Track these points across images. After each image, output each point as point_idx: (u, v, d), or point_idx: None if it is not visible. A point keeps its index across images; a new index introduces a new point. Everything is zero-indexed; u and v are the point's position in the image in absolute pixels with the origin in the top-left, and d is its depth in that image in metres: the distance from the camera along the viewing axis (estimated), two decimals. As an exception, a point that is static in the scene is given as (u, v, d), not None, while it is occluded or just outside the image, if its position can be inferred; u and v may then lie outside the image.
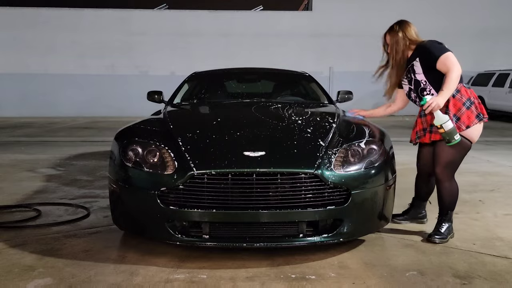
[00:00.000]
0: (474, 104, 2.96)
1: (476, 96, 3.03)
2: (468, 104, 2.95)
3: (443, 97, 2.84)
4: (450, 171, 3.06)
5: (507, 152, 7.18)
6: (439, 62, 2.94)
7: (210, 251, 2.86)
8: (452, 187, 3.10)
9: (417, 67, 3.08)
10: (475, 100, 2.98)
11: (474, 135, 3.01)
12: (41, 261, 2.74)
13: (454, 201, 3.14)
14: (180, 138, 2.93)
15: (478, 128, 3.00)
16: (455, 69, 2.87)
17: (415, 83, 3.13)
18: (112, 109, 14.71)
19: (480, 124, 3.01)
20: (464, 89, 2.99)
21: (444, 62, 2.92)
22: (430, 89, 3.04)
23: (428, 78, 3.04)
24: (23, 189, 4.63)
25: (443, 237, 3.07)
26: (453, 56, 2.93)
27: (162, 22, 15.14)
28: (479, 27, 15.10)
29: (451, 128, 2.83)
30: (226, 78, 5.30)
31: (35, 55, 14.74)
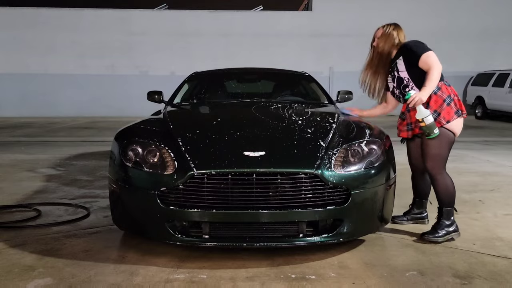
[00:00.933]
0: (454, 101, 3.09)
1: (456, 93, 3.15)
2: (448, 101, 3.07)
3: (425, 93, 2.97)
4: (440, 164, 3.11)
5: (507, 152, 7.18)
6: (421, 60, 3.06)
7: (210, 251, 2.86)
8: (445, 180, 3.13)
9: (400, 65, 3.21)
10: (454, 97, 3.10)
11: (456, 128, 3.11)
12: (41, 261, 2.75)
13: (450, 196, 3.13)
14: (180, 138, 2.93)
15: (458, 122, 3.12)
16: (436, 67, 3.00)
17: (398, 80, 3.24)
18: (112, 109, 14.71)
19: (460, 119, 3.13)
20: (445, 86, 3.11)
21: (425, 60, 3.05)
22: (412, 86, 3.16)
23: (411, 75, 3.16)
24: (23, 189, 4.63)
25: (436, 235, 3.08)
26: (434, 55, 3.05)
27: (162, 22, 15.15)
28: (479, 27, 15.10)
29: (431, 122, 2.95)
30: (226, 78, 5.30)
31: (35, 55, 14.75)
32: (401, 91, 3.23)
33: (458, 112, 3.10)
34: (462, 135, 3.47)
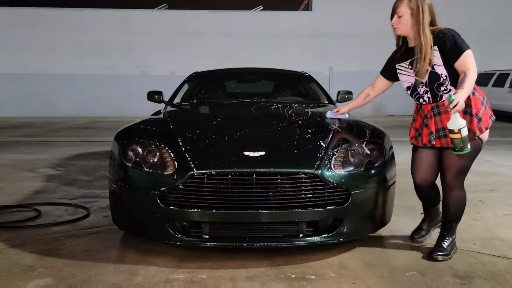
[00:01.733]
0: (488, 104, 2.74)
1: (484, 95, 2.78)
2: (485, 104, 2.70)
3: (464, 96, 2.48)
4: (462, 178, 2.79)
5: (507, 152, 7.18)
6: (463, 57, 2.59)
7: (210, 251, 2.86)
8: (461, 196, 2.80)
9: (435, 56, 2.64)
10: (485, 100, 2.74)
11: (486, 136, 2.76)
12: (41, 261, 2.74)
13: (461, 212, 2.84)
14: (180, 138, 2.93)
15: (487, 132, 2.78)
16: (475, 69, 2.60)
17: (431, 76, 2.66)
18: (112, 109, 14.71)
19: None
20: (478, 88, 2.71)
21: (466, 59, 2.60)
22: (447, 86, 2.65)
23: (449, 73, 2.64)
24: (23, 189, 4.63)
25: (446, 253, 2.77)
26: (472, 56, 2.64)
27: (162, 22, 15.14)
28: (479, 27, 15.09)
29: (467, 135, 2.50)
30: (226, 78, 5.30)
31: (35, 55, 14.74)
32: (434, 90, 2.68)
33: (491, 117, 2.72)
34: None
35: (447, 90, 2.65)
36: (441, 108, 2.68)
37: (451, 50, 2.60)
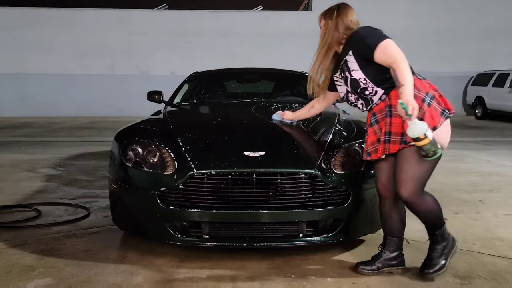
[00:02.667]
0: (435, 98, 2.36)
1: (435, 87, 2.43)
2: (429, 100, 2.34)
3: (409, 94, 2.23)
4: (418, 189, 2.42)
5: (507, 152, 7.18)
6: (377, 51, 2.33)
7: (210, 251, 2.86)
8: (426, 203, 2.45)
9: (351, 62, 2.44)
10: (435, 93, 2.38)
11: (444, 135, 2.38)
12: (41, 261, 2.74)
13: (437, 215, 2.51)
14: (180, 138, 2.93)
15: (446, 127, 2.39)
16: (401, 57, 2.30)
17: (352, 83, 2.48)
18: (112, 109, 14.71)
19: (447, 122, 2.40)
20: (419, 81, 2.38)
21: (384, 51, 2.32)
22: (373, 88, 2.42)
23: (368, 74, 2.41)
24: (23, 189, 4.63)
25: (439, 267, 2.48)
26: (394, 43, 2.35)
27: (162, 22, 15.15)
28: (479, 27, 15.10)
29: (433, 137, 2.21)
30: (226, 78, 5.30)
31: (35, 55, 14.75)
32: (361, 96, 2.49)
33: (444, 112, 2.36)
34: (462, 135, 3.40)
35: (373, 92, 2.42)
36: (377, 115, 2.45)
37: (363, 49, 2.39)
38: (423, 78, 2.44)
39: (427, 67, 15.16)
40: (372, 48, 2.34)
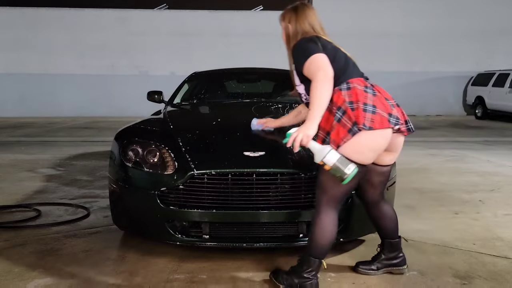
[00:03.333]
0: (347, 113, 2.12)
1: (358, 96, 2.15)
2: (340, 115, 2.15)
3: (311, 122, 2.09)
4: (323, 202, 2.24)
5: (507, 152, 7.18)
6: (305, 68, 2.19)
7: (210, 251, 2.86)
8: (322, 225, 2.23)
9: (294, 76, 2.36)
10: (348, 107, 2.13)
11: (354, 153, 2.13)
12: (41, 261, 2.74)
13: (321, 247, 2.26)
14: (180, 138, 2.92)
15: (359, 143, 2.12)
16: (318, 78, 2.11)
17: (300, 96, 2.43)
18: (112, 109, 14.70)
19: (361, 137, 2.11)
20: (338, 94, 2.19)
21: (308, 67, 2.17)
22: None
23: (307, 90, 2.28)
24: (23, 189, 4.63)
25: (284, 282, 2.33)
26: (320, 59, 2.16)
27: (162, 22, 15.14)
28: (479, 27, 15.10)
29: (336, 160, 2.06)
30: (226, 78, 5.30)
31: (35, 55, 14.74)
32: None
33: (353, 128, 2.09)
34: (462, 135, 3.37)
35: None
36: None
37: (296, 64, 2.29)
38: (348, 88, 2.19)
39: (427, 67, 15.20)
40: (302, 62, 2.20)
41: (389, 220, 2.54)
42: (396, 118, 2.22)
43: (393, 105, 2.28)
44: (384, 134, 2.17)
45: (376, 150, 2.20)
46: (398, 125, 2.22)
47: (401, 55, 15.08)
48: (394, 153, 2.40)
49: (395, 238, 2.58)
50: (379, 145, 2.19)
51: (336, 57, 2.27)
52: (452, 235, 3.23)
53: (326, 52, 2.23)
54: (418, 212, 3.83)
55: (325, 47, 2.27)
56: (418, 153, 6.97)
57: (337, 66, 2.23)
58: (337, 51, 2.32)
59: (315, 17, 2.43)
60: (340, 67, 2.24)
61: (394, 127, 2.20)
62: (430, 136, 9.65)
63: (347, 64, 2.29)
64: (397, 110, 2.28)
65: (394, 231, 2.57)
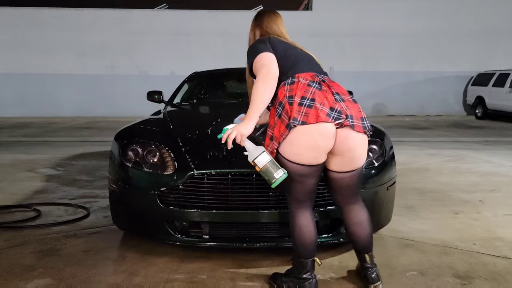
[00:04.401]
0: (285, 107, 2.06)
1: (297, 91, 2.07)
2: (280, 110, 2.10)
3: (248, 121, 2.07)
4: (293, 202, 2.23)
5: (507, 152, 7.18)
6: (253, 67, 2.19)
7: (210, 251, 2.86)
8: (297, 226, 2.21)
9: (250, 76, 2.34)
10: (287, 101, 2.07)
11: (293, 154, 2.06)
12: (41, 261, 2.74)
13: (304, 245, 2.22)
14: (180, 138, 2.92)
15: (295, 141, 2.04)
16: (261, 74, 2.08)
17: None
18: (112, 109, 14.71)
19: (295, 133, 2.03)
20: (282, 89, 2.14)
21: (255, 66, 2.17)
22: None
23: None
24: (23, 189, 4.63)
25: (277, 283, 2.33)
26: (266, 57, 2.14)
27: (162, 22, 15.14)
28: (479, 27, 15.10)
29: (266, 163, 2.03)
30: (226, 78, 5.30)
31: (35, 55, 14.75)
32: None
33: (289, 123, 2.03)
34: (462, 135, 3.37)
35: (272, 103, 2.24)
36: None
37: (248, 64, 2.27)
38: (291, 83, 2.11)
39: (427, 67, 15.20)
40: (251, 64, 2.21)
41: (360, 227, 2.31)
42: (339, 112, 2.03)
43: (344, 100, 2.10)
44: (321, 130, 2.01)
45: (315, 148, 2.04)
46: (340, 119, 2.03)
47: (401, 55, 15.09)
48: (344, 156, 2.13)
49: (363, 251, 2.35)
50: (317, 143, 2.03)
51: (287, 53, 2.24)
52: (452, 235, 3.23)
53: (275, 50, 2.21)
54: (418, 212, 3.83)
55: (275, 46, 2.24)
56: (418, 153, 6.97)
57: (286, 62, 2.19)
58: (289, 48, 2.28)
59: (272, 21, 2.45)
60: (289, 62, 2.20)
61: (334, 121, 2.02)
62: (430, 136, 9.65)
63: (298, 60, 2.23)
64: (350, 105, 2.11)
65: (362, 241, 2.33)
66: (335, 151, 2.11)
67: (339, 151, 2.11)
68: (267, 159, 2.04)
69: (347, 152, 2.12)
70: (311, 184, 2.18)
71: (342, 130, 2.07)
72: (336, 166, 2.18)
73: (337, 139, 2.07)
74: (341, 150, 2.11)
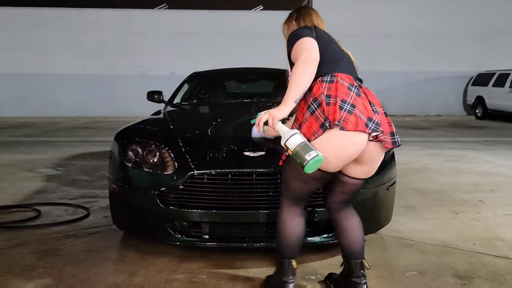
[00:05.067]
0: (321, 106, 1.95)
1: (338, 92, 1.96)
2: (314, 107, 1.98)
3: (283, 105, 2.00)
4: (285, 197, 2.18)
5: (507, 152, 7.18)
6: (293, 52, 2.09)
7: (210, 251, 2.86)
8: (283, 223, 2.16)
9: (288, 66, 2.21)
10: (324, 100, 1.95)
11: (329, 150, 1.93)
12: (41, 261, 2.74)
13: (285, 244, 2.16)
14: (180, 138, 2.92)
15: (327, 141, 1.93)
16: (301, 58, 1.98)
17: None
18: (112, 109, 14.70)
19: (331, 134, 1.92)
20: (319, 85, 2.01)
21: (295, 50, 2.06)
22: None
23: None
24: (23, 189, 4.63)
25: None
26: (308, 41, 2.04)
27: (162, 22, 15.14)
28: (479, 27, 15.10)
29: (298, 144, 1.89)
30: (226, 78, 5.30)
31: (35, 55, 14.74)
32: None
33: (324, 124, 1.91)
34: (462, 135, 3.37)
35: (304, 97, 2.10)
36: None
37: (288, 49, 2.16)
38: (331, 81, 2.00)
39: (427, 67, 15.20)
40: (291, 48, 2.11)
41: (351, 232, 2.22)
42: (376, 124, 1.95)
43: (378, 112, 2.02)
44: (356, 140, 1.92)
45: (344, 158, 1.95)
46: (377, 132, 1.95)
47: (401, 55, 15.08)
48: (365, 166, 2.06)
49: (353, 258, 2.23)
50: (348, 152, 1.94)
51: (329, 47, 2.14)
52: (452, 235, 3.23)
53: (319, 40, 2.10)
54: (418, 212, 3.83)
55: (320, 35, 2.14)
56: (418, 153, 6.97)
57: (327, 56, 2.09)
58: (332, 43, 2.19)
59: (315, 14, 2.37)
60: (330, 58, 2.09)
61: (371, 133, 1.93)
62: (430, 136, 9.65)
63: (339, 57, 2.13)
64: (382, 118, 2.03)
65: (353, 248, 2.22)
66: (358, 159, 2.03)
67: (362, 160, 2.03)
68: (298, 141, 1.90)
69: (370, 162, 2.05)
70: (316, 187, 2.14)
71: (373, 143, 2.00)
72: (354, 173, 2.10)
73: (365, 150, 1.99)
74: (365, 160, 2.04)
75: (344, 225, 2.23)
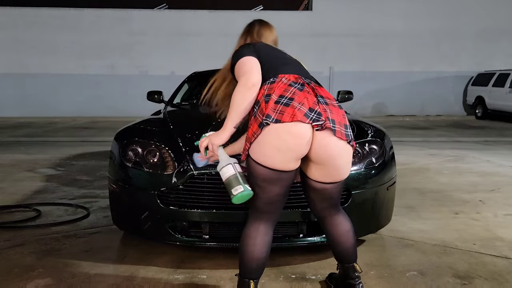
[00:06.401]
0: (260, 106, 1.91)
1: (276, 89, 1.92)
2: (256, 109, 1.93)
3: (222, 131, 1.98)
4: (251, 207, 2.08)
5: (507, 152, 7.18)
6: (235, 72, 2.06)
7: (210, 251, 2.86)
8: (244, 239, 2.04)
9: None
10: (264, 99, 1.91)
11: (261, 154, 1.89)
12: (41, 261, 2.74)
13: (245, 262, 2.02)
14: (180, 138, 2.92)
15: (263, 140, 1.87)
16: (240, 82, 1.94)
17: None
18: (112, 109, 14.71)
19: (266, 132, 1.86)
20: (262, 88, 1.97)
21: (237, 71, 2.03)
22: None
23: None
24: (23, 189, 4.63)
25: None
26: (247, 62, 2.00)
27: (162, 22, 15.15)
28: (479, 27, 15.11)
29: (228, 176, 1.94)
30: (226, 78, 5.29)
31: (35, 55, 14.75)
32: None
33: (262, 121, 1.86)
34: (462, 135, 3.36)
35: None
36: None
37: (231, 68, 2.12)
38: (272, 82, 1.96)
39: (427, 67, 15.20)
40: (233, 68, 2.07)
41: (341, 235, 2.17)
42: (318, 114, 1.85)
43: (327, 104, 1.93)
44: (294, 130, 1.83)
45: (285, 151, 1.85)
46: (319, 121, 1.85)
47: (401, 55, 15.09)
48: (326, 166, 1.95)
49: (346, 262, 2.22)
50: (287, 144, 1.84)
51: (273, 56, 2.12)
52: (452, 235, 3.23)
53: (259, 53, 2.07)
54: (418, 212, 3.83)
55: (258, 49, 2.10)
56: (418, 153, 6.97)
57: (271, 65, 2.05)
58: (276, 52, 2.18)
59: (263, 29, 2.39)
60: (274, 64, 2.05)
61: (311, 122, 1.84)
62: (430, 136, 9.65)
63: (284, 62, 2.10)
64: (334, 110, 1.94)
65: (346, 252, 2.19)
66: (315, 158, 1.93)
67: (319, 159, 1.93)
68: (230, 173, 1.94)
69: (330, 160, 1.93)
70: (274, 194, 1.97)
71: (322, 134, 1.88)
72: (318, 175, 2.00)
73: (315, 144, 1.89)
74: (322, 158, 1.93)
75: (334, 234, 2.17)
